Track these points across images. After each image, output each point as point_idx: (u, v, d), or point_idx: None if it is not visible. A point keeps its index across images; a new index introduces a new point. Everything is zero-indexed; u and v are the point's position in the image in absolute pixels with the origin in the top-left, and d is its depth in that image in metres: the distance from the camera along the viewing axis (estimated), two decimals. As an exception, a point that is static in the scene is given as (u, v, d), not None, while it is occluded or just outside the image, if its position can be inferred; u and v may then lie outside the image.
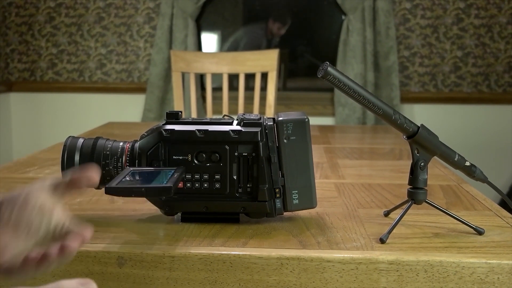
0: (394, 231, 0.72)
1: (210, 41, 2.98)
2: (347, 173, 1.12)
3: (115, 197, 0.88)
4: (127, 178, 0.68)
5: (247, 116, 0.77)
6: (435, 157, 0.74)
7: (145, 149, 0.74)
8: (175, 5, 2.65)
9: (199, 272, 0.66)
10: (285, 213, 0.78)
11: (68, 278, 0.67)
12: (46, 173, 1.09)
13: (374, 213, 0.83)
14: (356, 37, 2.61)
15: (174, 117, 0.77)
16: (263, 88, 2.07)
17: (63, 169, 0.75)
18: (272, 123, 0.75)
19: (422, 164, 0.73)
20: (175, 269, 0.66)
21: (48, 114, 2.96)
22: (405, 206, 0.75)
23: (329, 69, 0.67)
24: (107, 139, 0.78)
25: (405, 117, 0.71)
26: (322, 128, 1.82)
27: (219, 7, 2.92)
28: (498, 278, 0.65)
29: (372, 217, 0.81)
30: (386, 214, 0.82)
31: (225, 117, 0.80)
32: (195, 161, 0.75)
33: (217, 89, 2.49)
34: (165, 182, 0.66)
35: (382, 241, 0.70)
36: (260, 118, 0.76)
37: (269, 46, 2.91)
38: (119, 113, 2.86)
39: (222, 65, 2.03)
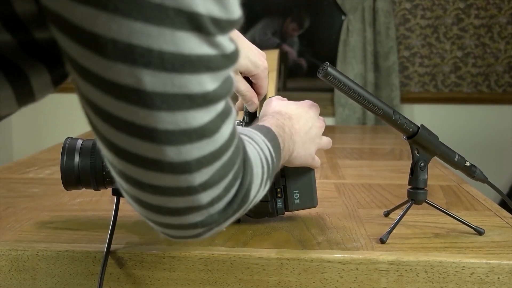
0: (394, 231, 0.72)
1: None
2: (347, 173, 1.12)
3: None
4: None
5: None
6: (435, 157, 0.74)
7: (146, 150, 0.74)
8: (175, 5, 2.65)
9: (199, 272, 0.66)
10: (285, 213, 0.78)
11: (68, 278, 0.67)
12: (46, 174, 1.09)
13: (374, 213, 0.84)
14: (356, 37, 2.61)
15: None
16: (263, 88, 2.08)
17: (62, 170, 0.75)
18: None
19: (422, 164, 0.73)
20: (175, 269, 0.66)
21: (48, 114, 2.97)
22: (405, 206, 0.75)
23: (329, 69, 0.67)
24: (107, 140, 0.77)
25: (405, 118, 0.71)
26: (322, 128, 1.82)
27: (219, 7, 2.92)
28: (498, 278, 0.65)
29: (372, 217, 0.81)
30: (386, 214, 0.82)
31: None
32: (196, 162, 0.75)
33: (217, 89, 2.48)
34: None
35: (382, 241, 0.70)
36: None
37: (280, 44, 2.91)
38: (119, 113, 2.86)
39: (222, 65, 2.03)
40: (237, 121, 0.77)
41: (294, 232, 0.74)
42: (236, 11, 0.41)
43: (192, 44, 0.38)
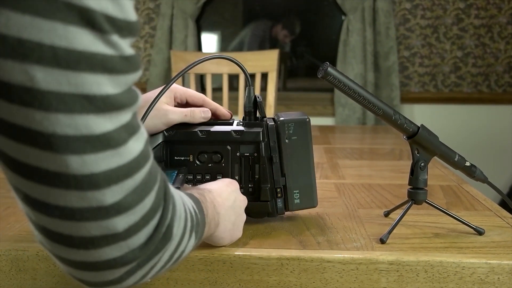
0: (394, 231, 0.72)
1: (210, 41, 2.98)
2: (347, 173, 1.12)
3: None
4: None
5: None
6: (435, 157, 0.74)
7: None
8: (175, 5, 2.65)
9: (199, 272, 0.66)
10: (285, 213, 0.78)
11: (68, 278, 0.67)
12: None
13: (374, 213, 0.84)
14: (356, 37, 2.61)
15: (174, 117, 0.77)
16: (263, 89, 2.08)
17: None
18: (273, 123, 0.75)
19: (422, 164, 0.73)
20: (175, 269, 0.66)
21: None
22: (405, 206, 0.75)
23: (329, 69, 0.67)
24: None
25: (405, 118, 0.71)
26: (322, 128, 1.82)
27: (219, 8, 2.92)
28: (498, 278, 0.65)
29: (372, 217, 0.81)
30: (386, 214, 0.82)
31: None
32: (197, 162, 0.75)
33: (217, 90, 2.49)
34: (171, 183, 0.66)
35: (382, 241, 0.70)
36: (262, 118, 0.77)
37: (271, 47, 2.91)
38: (119, 114, 2.86)
39: (222, 66, 2.03)
40: (237, 121, 0.77)
41: (294, 232, 0.74)
42: (131, 13, 0.40)
43: (85, 41, 0.36)
